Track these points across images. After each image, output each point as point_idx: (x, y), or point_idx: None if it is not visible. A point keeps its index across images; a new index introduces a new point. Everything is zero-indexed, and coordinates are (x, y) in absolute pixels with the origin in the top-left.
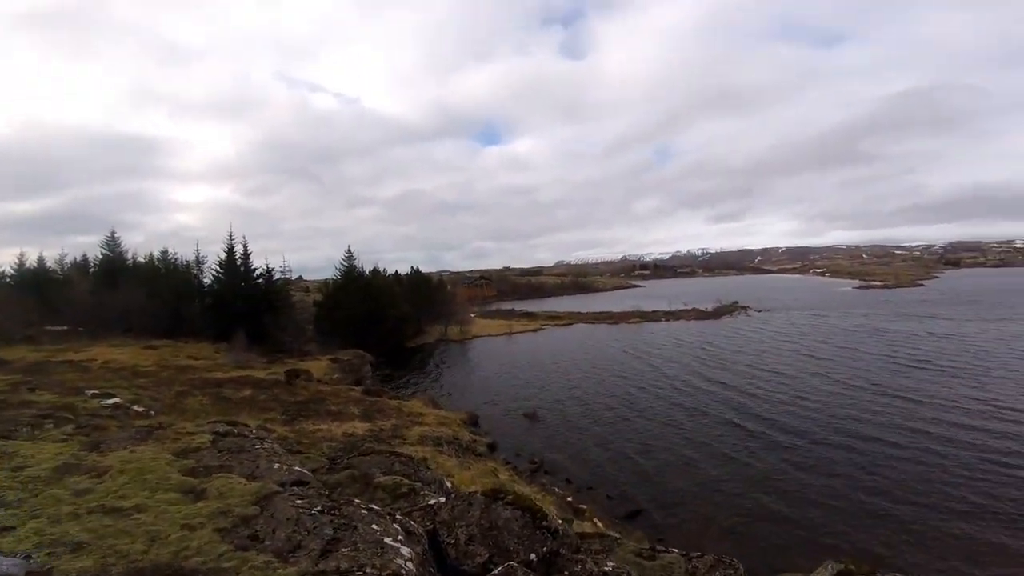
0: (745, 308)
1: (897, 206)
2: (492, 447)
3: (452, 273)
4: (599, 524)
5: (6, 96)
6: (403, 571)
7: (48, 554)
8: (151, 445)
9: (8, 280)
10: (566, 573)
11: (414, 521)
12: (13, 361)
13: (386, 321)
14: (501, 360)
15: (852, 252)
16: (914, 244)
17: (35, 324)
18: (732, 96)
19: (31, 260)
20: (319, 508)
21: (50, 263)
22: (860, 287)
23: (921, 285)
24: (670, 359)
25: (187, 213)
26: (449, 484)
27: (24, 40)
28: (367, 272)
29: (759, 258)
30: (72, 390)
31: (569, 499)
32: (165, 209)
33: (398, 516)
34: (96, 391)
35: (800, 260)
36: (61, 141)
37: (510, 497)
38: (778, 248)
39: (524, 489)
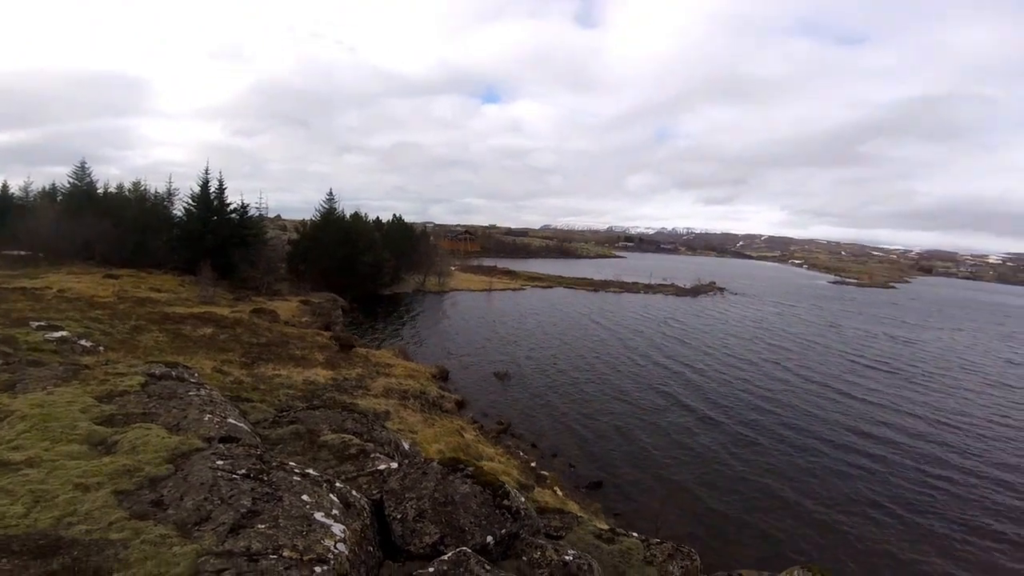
0: (722, 289)
1: (885, 210)
2: (460, 404)
3: (437, 225)
4: (559, 493)
5: None
6: (331, 555)
7: None
8: (73, 387)
9: None
10: (524, 559)
11: (360, 488)
12: None
13: (362, 265)
14: (478, 316)
15: (832, 248)
16: (892, 247)
17: None
18: (740, 85)
19: None
20: (243, 471)
21: (14, 190)
22: (835, 282)
23: (893, 288)
24: (645, 333)
25: (169, 149)
26: (407, 445)
27: None
28: (347, 216)
29: (741, 243)
30: (18, 321)
31: (533, 464)
32: (146, 145)
33: (337, 484)
34: (43, 323)
35: (780, 249)
36: (47, 78)
37: (471, 469)
38: (761, 235)
39: (489, 450)
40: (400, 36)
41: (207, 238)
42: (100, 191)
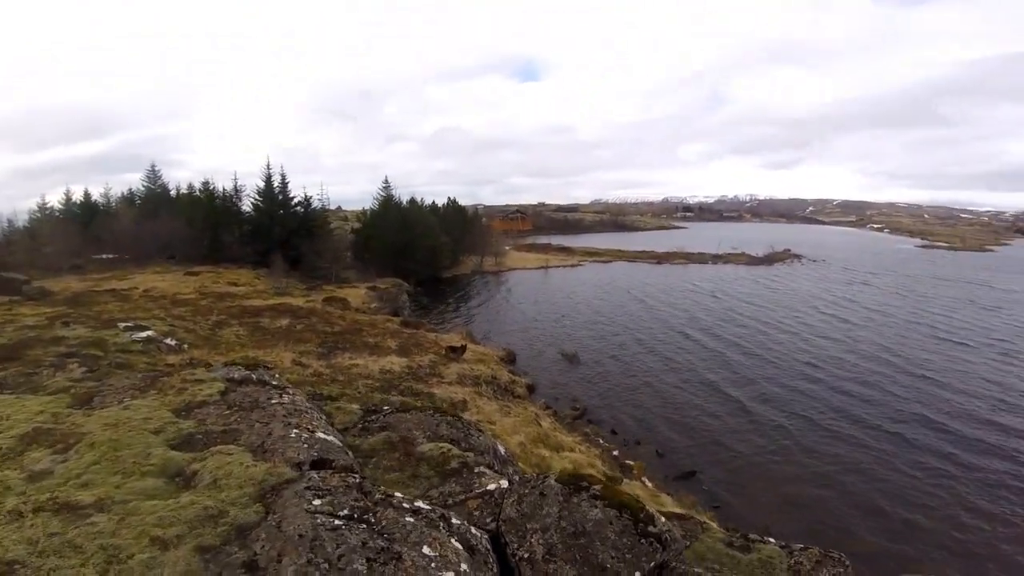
0: (798, 257)
1: (970, 170)
2: (531, 388)
3: (487, 206)
4: (648, 485)
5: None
6: None
7: None
8: (150, 398)
9: (56, 215)
10: None
11: (471, 517)
12: (57, 292)
13: (422, 250)
14: (538, 295)
15: (913, 211)
16: (983, 208)
17: (82, 254)
18: (799, 47)
19: (78, 196)
20: (345, 511)
21: (96, 198)
22: (923, 246)
23: (991, 251)
24: (722, 306)
25: (232, 152)
26: (503, 450)
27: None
28: (404, 202)
29: (811, 208)
30: (107, 323)
31: (615, 453)
32: (210, 148)
33: (454, 521)
34: (130, 323)
35: (856, 213)
36: (115, 91)
37: (597, 488)
38: (833, 200)
39: (567, 439)
40: (429, 15)
41: (275, 230)
42: (173, 192)
